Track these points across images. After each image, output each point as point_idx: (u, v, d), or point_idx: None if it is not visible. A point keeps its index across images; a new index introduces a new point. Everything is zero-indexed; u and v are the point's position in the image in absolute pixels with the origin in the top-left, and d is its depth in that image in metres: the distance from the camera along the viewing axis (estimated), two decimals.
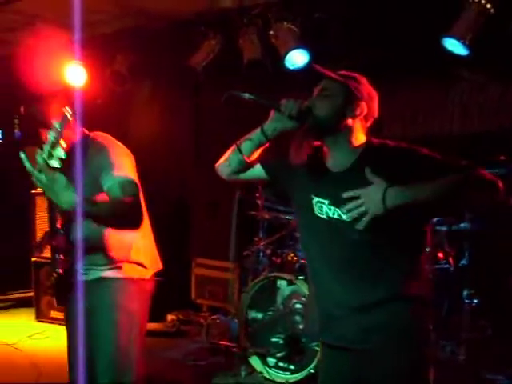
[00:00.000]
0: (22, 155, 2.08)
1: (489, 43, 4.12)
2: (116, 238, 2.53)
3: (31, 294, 5.80)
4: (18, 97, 6.24)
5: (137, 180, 2.49)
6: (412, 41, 4.39)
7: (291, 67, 4.71)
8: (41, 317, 5.64)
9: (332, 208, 2.04)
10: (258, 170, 2.24)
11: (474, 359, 3.60)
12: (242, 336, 3.97)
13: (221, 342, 4.15)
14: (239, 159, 2.17)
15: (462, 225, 3.67)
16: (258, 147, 2.16)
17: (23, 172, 6.35)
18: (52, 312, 5.58)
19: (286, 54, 4.65)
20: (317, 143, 2.12)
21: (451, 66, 4.44)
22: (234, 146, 2.18)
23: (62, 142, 2.07)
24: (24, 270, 5.80)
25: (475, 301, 3.64)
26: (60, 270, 2.33)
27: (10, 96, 6.41)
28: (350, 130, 2.04)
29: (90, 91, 5.50)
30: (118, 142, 2.61)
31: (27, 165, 2.09)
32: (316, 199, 2.08)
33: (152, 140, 5.68)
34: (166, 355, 4.23)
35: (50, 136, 2.07)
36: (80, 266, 2.53)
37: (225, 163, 2.23)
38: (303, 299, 3.78)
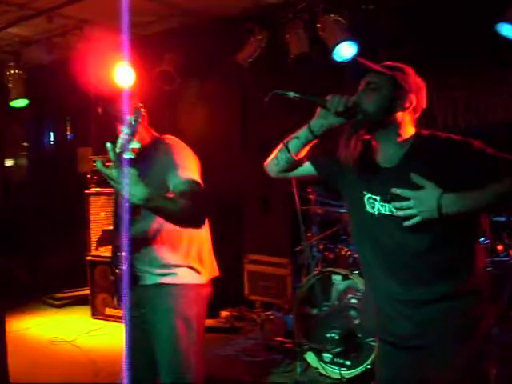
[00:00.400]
0: (99, 165, 2.10)
1: None
2: (173, 242, 2.56)
3: (87, 292, 5.92)
4: (69, 100, 6.44)
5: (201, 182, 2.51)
6: (464, 28, 4.27)
7: (339, 60, 4.66)
8: (96, 314, 5.75)
9: (384, 204, 2.01)
10: (307, 168, 2.24)
11: None
12: (296, 332, 3.95)
13: (276, 339, 4.14)
14: (287, 157, 2.16)
15: None
16: (305, 145, 2.14)
17: (76, 172, 6.50)
18: (107, 309, 5.68)
19: (334, 46, 4.60)
20: (366, 138, 2.08)
21: (505, 53, 4.30)
22: (281, 145, 2.17)
23: (135, 135, 2.13)
24: (79, 269, 5.92)
25: None
26: (124, 267, 2.36)
27: (61, 99, 6.60)
28: (399, 124, 2.00)
29: (139, 91, 5.57)
30: (185, 145, 2.65)
31: (99, 165, 2.11)
32: (368, 195, 2.06)
33: (201, 138, 5.69)
34: (221, 352, 4.24)
35: (125, 129, 2.12)
36: (137, 264, 2.57)
37: (273, 162, 2.23)
38: (359, 294, 3.73)
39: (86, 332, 5.33)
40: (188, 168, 2.45)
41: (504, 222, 3.52)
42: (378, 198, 2.03)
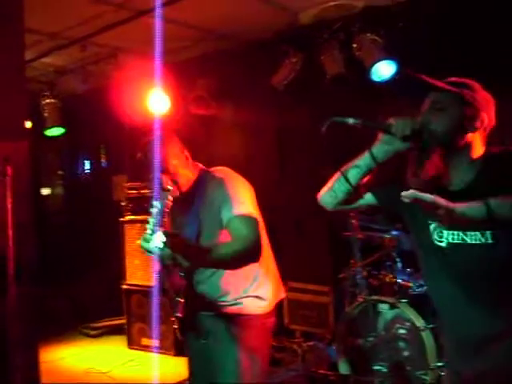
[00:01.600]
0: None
1: None
2: (236, 274, 2.50)
3: (123, 321, 5.84)
4: (103, 128, 6.46)
5: (257, 213, 2.49)
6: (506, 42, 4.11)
7: (378, 79, 4.54)
8: (132, 344, 5.66)
9: (453, 232, 1.86)
10: (367, 198, 2.06)
11: None
12: (341, 363, 3.77)
13: (318, 371, 3.96)
14: (347, 189, 1.98)
15: None
16: (366, 174, 1.96)
17: (111, 200, 6.46)
18: (143, 339, 5.59)
19: (371, 65, 4.51)
20: (436, 162, 1.89)
21: None
22: (338, 174, 1.99)
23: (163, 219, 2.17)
24: (115, 298, 5.86)
25: None
26: (179, 314, 2.32)
27: (96, 128, 6.63)
28: (470, 145, 1.85)
29: (174, 117, 5.55)
30: (236, 175, 2.60)
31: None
32: (433, 225, 1.90)
33: (237, 162, 5.60)
34: None
35: (152, 215, 2.16)
36: (201, 293, 2.53)
37: (329, 194, 2.04)
38: (407, 324, 3.55)
39: (122, 363, 5.24)
40: (242, 200, 2.41)
41: None
42: (446, 226, 1.86)
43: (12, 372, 2.56)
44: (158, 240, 2.08)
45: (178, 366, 5.02)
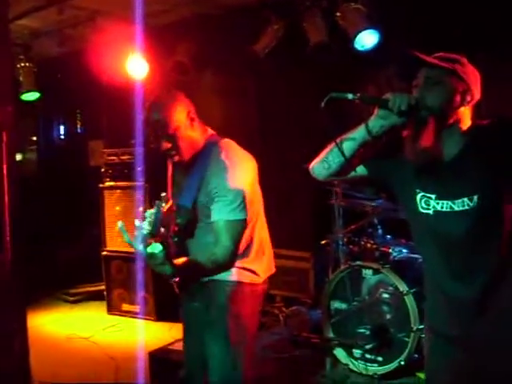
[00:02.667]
0: (120, 225, 2.14)
1: None
2: None
3: (102, 287, 5.86)
4: (79, 93, 6.34)
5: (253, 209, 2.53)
6: (488, 15, 4.16)
7: (361, 49, 4.56)
8: (112, 310, 5.69)
9: (440, 202, 1.94)
10: (359, 170, 2.09)
11: None
12: (325, 327, 3.88)
13: (302, 334, 4.06)
14: (340, 161, 2.00)
15: None
16: (361, 147, 1.98)
17: (88, 166, 6.38)
18: (123, 305, 5.63)
19: (355, 35, 4.50)
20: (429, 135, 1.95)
21: None
22: (332, 145, 2.01)
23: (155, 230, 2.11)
24: (93, 264, 5.86)
25: None
26: (176, 279, 2.32)
27: (72, 92, 6.50)
28: (461, 119, 1.93)
29: (153, 82, 5.49)
30: (242, 156, 2.57)
31: (125, 237, 2.14)
32: (420, 194, 1.98)
33: (216, 130, 5.62)
34: None
35: (144, 224, 2.09)
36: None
37: (322, 165, 2.05)
38: (390, 288, 3.66)
39: (103, 328, 5.27)
40: (234, 205, 2.40)
41: None
42: (433, 196, 1.95)
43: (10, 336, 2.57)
44: (152, 249, 2.09)
45: (159, 331, 5.09)
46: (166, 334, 4.91)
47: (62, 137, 7.29)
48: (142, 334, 5.07)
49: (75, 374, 4.23)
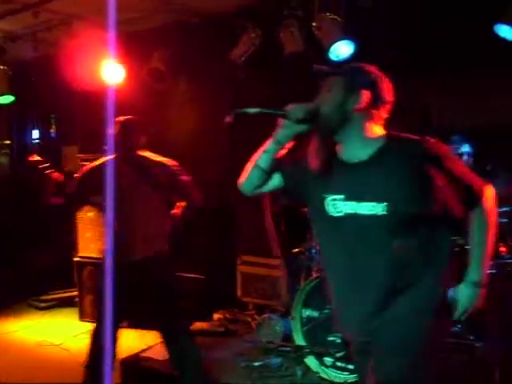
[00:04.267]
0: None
1: None
2: None
3: (73, 293, 5.80)
4: (54, 97, 6.29)
5: None
6: (462, 26, 4.25)
7: (336, 59, 4.60)
8: (84, 316, 5.63)
9: (348, 203, 2.01)
10: (275, 179, 2.22)
11: None
12: (296, 335, 3.89)
13: (273, 342, 4.07)
14: (259, 174, 2.17)
15: None
16: (274, 157, 2.15)
17: (62, 171, 6.30)
18: (96, 311, 5.56)
19: (330, 45, 4.55)
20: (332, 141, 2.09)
21: (501, 54, 4.29)
22: (251, 163, 2.18)
23: None
24: (65, 270, 5.80)
25: None
26: None
27: (46, 96, 6.44)
28: (358, 121, 2.01)
29: (128, 89, 5.47)
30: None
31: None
32: (330, 198, 2.05)
33: (192, 136, 5.62)
34: (218, 355, 4.16)
35: None
36: None
37: (246, 182, 2.22)
38: None
39: (75, 335, 5.21)
40: None
41: (507, 224, 3.50)
42: (341, 197, 2.02)
43: None
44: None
45: (131, 338, 5.05)
46: (137, 341, 4.88)
47: (36, 141, 7.20)
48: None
49: (46, 381, 4.19)
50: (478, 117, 4.58)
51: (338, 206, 2.03)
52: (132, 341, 4.95)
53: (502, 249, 3.47)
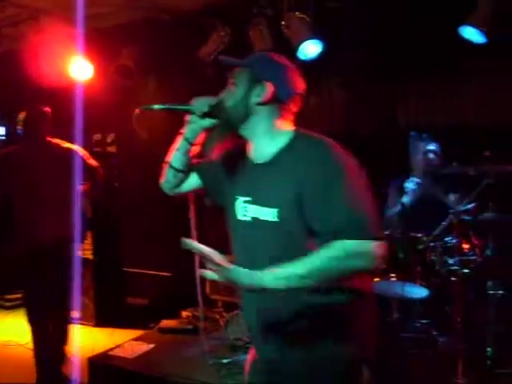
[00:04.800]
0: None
1: (506, 32, 4.08)
2: None
3: None
4: (22, 92, 6.18)
5: None
6: (427, 28, 4.34)
7: (304, 58, 4.64)
8: None
9: (253, 207, 1.88)
10: (193, 178, 2.15)
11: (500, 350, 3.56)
12: None
13: (241, 339, 4.08)
14: (174, 173, 2.10)
15: (486, 214, 3.61)
16: (186, 155, 2.06)
17: None
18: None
19: (298, 44, 4.58)
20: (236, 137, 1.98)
21: (467, 55, 4.39)
22: (166, 162, 2.10)
23: None
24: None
25: (500, 292, 3.59)
26: None
27: (14, 92, 6.32)
28: (264, 116, 1.88)
29: (96, 85, 5.43)
30: None
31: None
32: (240, 199, 1.94)
33: (160, 134, 5.59)
34: (186, 353, 4.15)
35: None
36: None
37: (164, 181, 2.15)
38: None
39: None
40: None
41: (470, 221, 3.57)
42: (249, 199, 1.90)
43: None
44: None
45: (99, 337, 5.02)
46: (106, 339, 4.85)
47: (2, 138, 7.08)
48: (81, 339, 4.98)
49: (11, 381, 4.17)
50: (442, 116, 4.70)
51: (245, 209, 1.91)
52: (100, 339, 4.93)
53: (465, 246, 3.53)
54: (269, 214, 1.81)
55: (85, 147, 4.29)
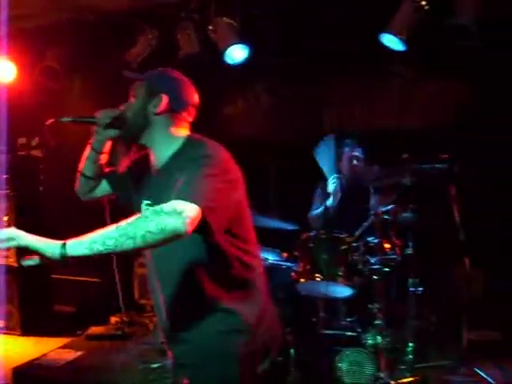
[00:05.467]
0: None
1: (425, 40, 4.27)
2: None
3: None
4: None
5: None
6: (350, 36, 4.48)
7: (231, 62, 4.69)
8: None
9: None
10: (103, 185, 2.29)
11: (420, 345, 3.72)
12: None
13: None
14: (85, 181, 2.25)
15: (405, 214, 3.75)
16: (95, 163, 2.21)
17: None
18: None
19: (225, 49, 4.63)
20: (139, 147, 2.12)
21: (388, 62, 4.57)
22: (77, 171, 2.24)
23: None
24: None
25: (420, 289, 3.74)
26: None
27: None
28: (161, 125, 2.02)
29: (20, 87, 5.29)
30: None
31: None
32: (143, 203, 2.03)
33: (85, 136, 5.51)
34: (116, 359, 4.11)
35: None
36: None
37: (78, 188, 2.30)
38: None
39: None
40: None
41: (391, 221, 3.69)
42: (150, 202, 1.99)
43: None
44: None
45: (25, 346, 4.88)
46: (32, 348, 4.72)
47: None
48: (6, 349, 4.84)
49: None
50: (365, 122, 4.86)
51: None
52: (26, 349, 4.79)
53: (386, 245, 3.65)
54: None
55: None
